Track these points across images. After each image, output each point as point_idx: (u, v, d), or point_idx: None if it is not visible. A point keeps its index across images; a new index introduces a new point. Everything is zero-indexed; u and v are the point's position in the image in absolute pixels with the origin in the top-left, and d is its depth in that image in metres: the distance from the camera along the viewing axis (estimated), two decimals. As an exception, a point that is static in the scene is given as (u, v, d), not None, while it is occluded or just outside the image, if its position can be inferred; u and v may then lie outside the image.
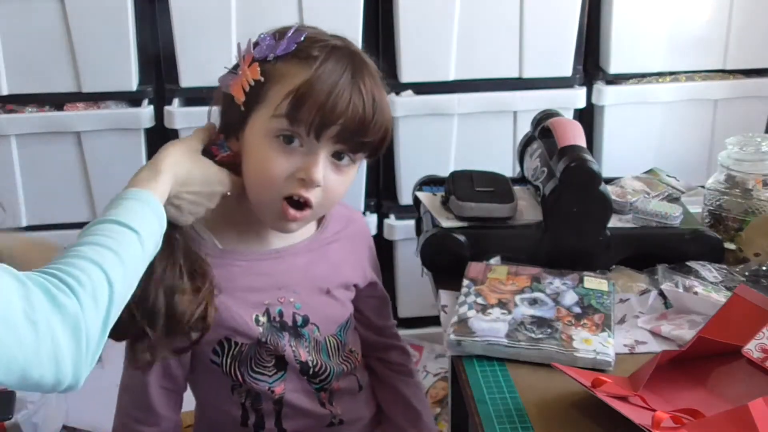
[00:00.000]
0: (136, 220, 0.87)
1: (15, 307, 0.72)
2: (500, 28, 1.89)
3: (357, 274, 1.21)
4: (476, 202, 1.32)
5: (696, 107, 2.01)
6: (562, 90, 1.96)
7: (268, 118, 1.01)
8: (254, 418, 1.14)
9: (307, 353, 1.14)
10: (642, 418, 0.91)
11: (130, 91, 1.88)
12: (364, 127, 1.01)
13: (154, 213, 0.91)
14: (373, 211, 2.02)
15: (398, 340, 1.31)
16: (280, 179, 1.02)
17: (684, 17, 1.93)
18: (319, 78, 0.99)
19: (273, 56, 1.02)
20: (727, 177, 1.43)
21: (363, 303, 1.24)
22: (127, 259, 0.84)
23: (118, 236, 0.85)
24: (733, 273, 1.28)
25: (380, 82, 1.05)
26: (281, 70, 1.01)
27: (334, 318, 1.17)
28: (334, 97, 0.98)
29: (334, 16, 1.82)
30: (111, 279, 0.81)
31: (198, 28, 1.81)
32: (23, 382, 0.74)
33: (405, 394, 1.27)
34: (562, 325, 1.13)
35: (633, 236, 1.35)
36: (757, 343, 1.07)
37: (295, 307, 1.13)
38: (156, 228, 0.91)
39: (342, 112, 0.99)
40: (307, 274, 1.14)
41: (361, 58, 1.04)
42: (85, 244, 0.83)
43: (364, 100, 1.00)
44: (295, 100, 0.98)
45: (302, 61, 1.01)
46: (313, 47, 1.01)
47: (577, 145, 1.30)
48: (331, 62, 1.00)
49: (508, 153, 1.95)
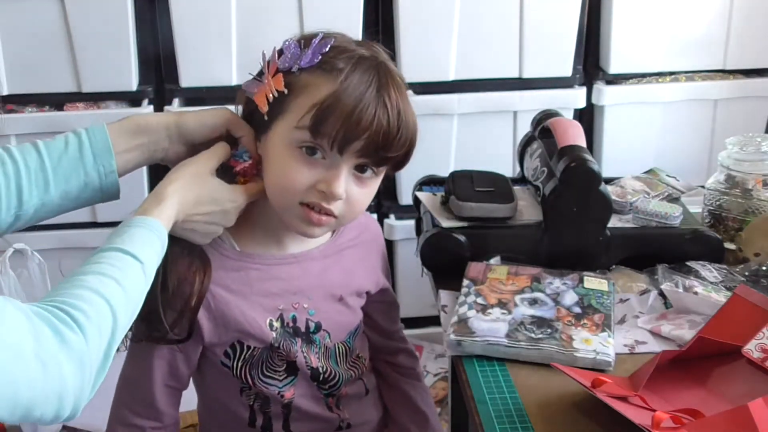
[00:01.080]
0: (140, 249, 0.88)
1: (26, 347, 0.73)
2: (500, 28, 1.88)
3: (370, 281, 1.20)
4: (476, 202, 1.32)
5: (696, 107, 2.01)
6: (562, 90, 1.95)
7: (291, 129, 0.99)
8: (262, 420, 1.14)
9: (318, 360, 1.13)
10: (642, 418, 0.91)
11: (130, 91, 1.88)
12: (388, 142, 0.99)
13: (158, 239, 0.92)
14: (373, 211, 2.02)
15: (406, 344, 1.30)
16: (300, 188, 1.01)
17: (684, 17, 1.93)
18: (344, 92, 0.97)
19: (297, 68, 1.00)
20: (727, 177, 1.43)
21: (373, 307, 1.23)
22: (130, 289, 0.85)
23: (122, 265, 0.86)
24: (733, 273, 1.28)
25: (406, 93, 1.03)
26: (305, 81, 0.99)
27: (345, 325, 1.17)
28: (358, 111, 0.96)
29: (334, 16, 1.82)
30: (115, 310, 0.81)
31: (198, 28, 1.81)
32: (23, 418, 0.74)
33: (412, 397, 1.26)
34: (562, 325, 1.13)
35: (633, 236, 1.35)
36: (757, 343, 1.07)
37: (309, 314, 1.12)
38: (160, 254, 0.92)
39: (366, 126, 0.97)
40: (321, 281, 1.13)
41: (387, 69, 1.02)
42: (90, 274, 0.83)
43: (389, 115, 0.98)
44: (319, 114, 0.97)
45: (327, 73, 0.98)
46: (339, 58, 0.99)
47: (577, 145, 1.30)
48: (356, 75, 0.98)
49: (508, 153, 1.95)
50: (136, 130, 1.03)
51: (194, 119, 1.05)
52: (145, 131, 1.03)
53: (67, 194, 0.99)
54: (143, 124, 1.03)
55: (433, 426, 1.26)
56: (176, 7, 1.80)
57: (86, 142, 1.00)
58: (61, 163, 0.98)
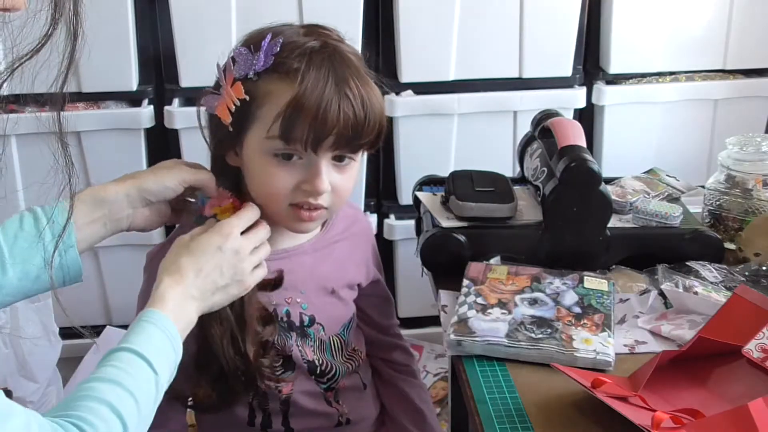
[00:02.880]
0: (156, 357, 0.86)
1: None
2: (500, 28, 1.88)
3: (361, 273, 1.21)
4: (476, 202, 1.33)
5: (696, 107, 2.00)
6: (562, 90, 1.95)
7: (262, 139, 1.00)
8: (261, 417, 1.14)
9: (313, 353, 1.14)
10: (642, 418, 0.91)
11: (130, 91, 1.87)
12: (358, 132, 1.01)
13: (173, 348, 0.89)
14: (373, 211, 2.02)
15: (401, 340, 1.31)
16: (286, 192, 1.02)
17: (684, 17, 1.93)
18: (305, 95, 0.97)
19: (254, 73, 1.00)
20: (727, 177, 1.43)
21: (366, 301, 1.25)
22: (142, 403, 0.83)
23: (136, 373, 0.83)
24: (733, 273, 1.28)
25: (365, 74, 1.03)
26: (266, 89, 1.00)
27: (338, 318, 1.18)
28: (323, 111, 0.97)
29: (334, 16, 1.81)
30: (127, 425, 0.79)
31: (198, 28, 1.81)
32: None
33: (409, 394, 1.27)
34: (562, 325, 1.13)
35: (633, 236, 1.35)
36: (757, 343, 1.07)
37: (302, 308, 1.13)
38: (173, 362, 0.89)
39: (334, 123, 0.98)
40: (313, 274, 1.14)
41: (341, 57, 1.02)
42: (103, 381, 0.81)
43: (353, 106, 0.99)
44: (285, 122, 0.98)
45: (284, 75, 0.99)
46: (291, 58, 0.99)
47: (577, 145, 1.30)
48: (312, 73, 0.98)
49: (508, 153, 1.95)
50: (94, 203, 1.01)
51: (155, 182, 1.04)
52: (104, 202, 1.01)
53: (26, 275, 0.95)
54: (102, 196, 1.01)
55: (430, 423, 1.26)
56: (176, 7, 1.80)
57: (42, 218, 0.97)
58: (17, 241, 0.95)
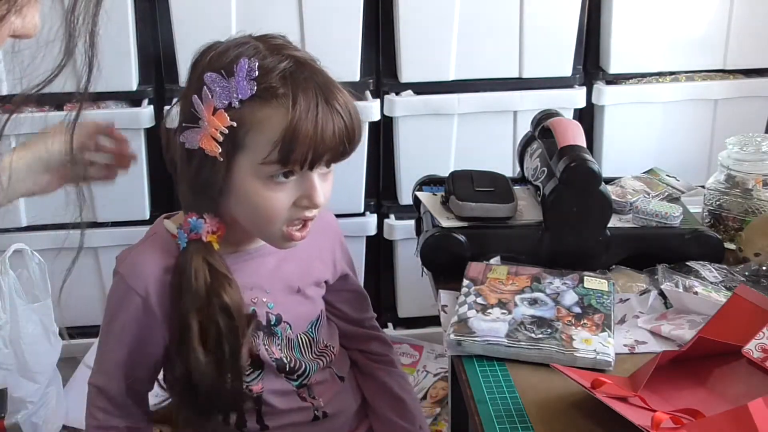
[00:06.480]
0: None
1: None
2: (500, 28, 1.88)
3: (327, 270, 1.21)
4: (476, 202, 1.33)
5: (696, 107, 2.00)
6: (562, 90, 1.95)
7: (257, 165, 1.00)
8: (234, 416, 1.14)
9: (280, 351, 1.14)
10: (642, 418, 0.91)
11: (130, 91, 1.87)
12: (351, 142, 1.03)
13: None
14: (373, 211, 2.02)
15: (378, 331, 1.31)
16: (283, 212, 1.03)
17: (684, 17, 1.93)
18: (300, 120, 0.97)
19: (237, 102, 0.99)
20: (727, 177, 1.43)
21: (336, 296, 1.25)
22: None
23: None
24: (733, 273, 1.28)
25: (335, 81, 1.04)
26: (253, 117, 0.99)
27: (305, 316, 1.18)
28: (321, 132, 0.98)
29: (335, 16, 1.82)
30: None
31: (198, 28, 1.81)
32: None
33: (387, 383, 1.27)
34: (562, 325, 1.13)
35: (633, 236, 1.35)
36: (757, 343, 1.07)
37: (268, 307, 1.13)
38: None
39: (330, 140, 1.00)
40: (278, 274, 1.14)
41: (317, 71, 1.02)
42: None
43: (344, 119, 1.00)
44: (284, 147, 0.98)
45: (269, 102, 0.98)
46: (272, 82, 0.98)
47: (577, 145, 1.30)
48: (300, 96, 0.98)
49: (508, 153, 1.95)
50: None
51: None
52: None
53: None
54: None
55: (411, 411, 1.26)
56: (176, 7, 1.80)
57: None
58: None
